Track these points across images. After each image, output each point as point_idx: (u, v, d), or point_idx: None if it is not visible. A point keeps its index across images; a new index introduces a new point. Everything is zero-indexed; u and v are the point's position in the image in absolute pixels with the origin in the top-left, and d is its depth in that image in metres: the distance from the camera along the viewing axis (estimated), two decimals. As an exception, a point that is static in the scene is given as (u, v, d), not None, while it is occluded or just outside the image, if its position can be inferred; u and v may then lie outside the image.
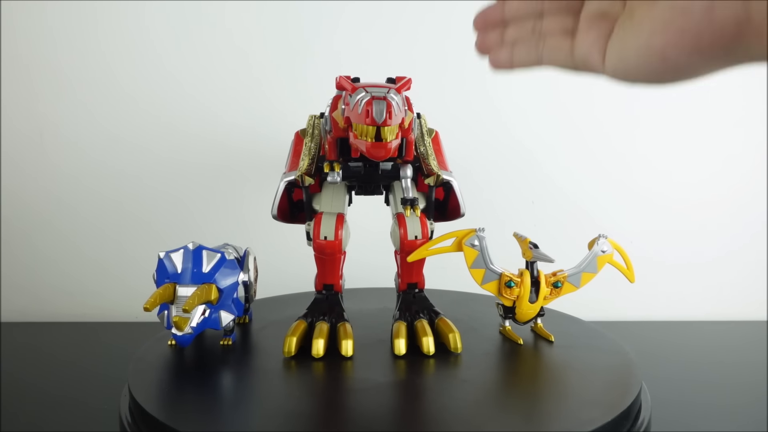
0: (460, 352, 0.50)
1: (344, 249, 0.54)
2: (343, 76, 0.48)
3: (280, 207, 0.55)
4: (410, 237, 0.52)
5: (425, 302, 0.55)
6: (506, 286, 0.52)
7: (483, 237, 0.52)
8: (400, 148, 0.49)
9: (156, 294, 0.48)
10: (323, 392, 0.45)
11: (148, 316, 0.88)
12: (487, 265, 0.52)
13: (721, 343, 0.81)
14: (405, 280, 0.55)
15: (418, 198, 0.51)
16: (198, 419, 0.40)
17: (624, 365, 0.49)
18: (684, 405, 0.61)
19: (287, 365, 0.49)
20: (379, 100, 0.41)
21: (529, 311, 0.53)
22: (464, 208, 0.56)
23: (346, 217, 0.54)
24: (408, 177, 0.51)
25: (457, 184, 0.55)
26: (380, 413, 0.41)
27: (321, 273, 0.55)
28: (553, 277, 0.53)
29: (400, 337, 0.50)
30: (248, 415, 0.41)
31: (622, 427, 0.41)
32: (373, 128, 0.42)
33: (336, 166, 0.52)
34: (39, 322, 0.87)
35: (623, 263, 0.54)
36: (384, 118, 0.41)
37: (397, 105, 0.43)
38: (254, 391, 0.45)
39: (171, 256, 0.50)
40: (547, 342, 0.54)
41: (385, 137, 0.42)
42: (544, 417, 0.41)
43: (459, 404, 0.42)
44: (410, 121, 0.48)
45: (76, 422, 0.57)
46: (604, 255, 0.53)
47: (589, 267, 0.53)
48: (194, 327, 0.49)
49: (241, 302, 0.53)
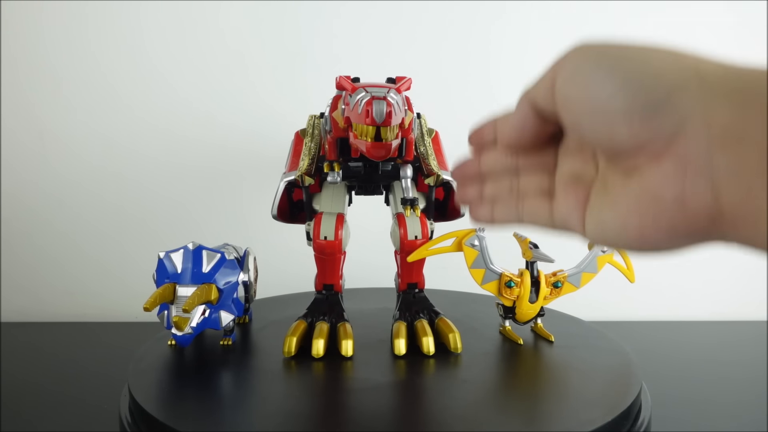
0: (460, 352, 0.50)
1: (344, 249, 0.54)
2: (342, 76, 0.47)
3: (280, 207, 0.55)
4: (410, 237, 0.52)
5: (425, 302, 0.55)
6: (506, 286, 0.53)
7: (483, 237, 0.52)
8: (400, 148, 0.49)
9: (156, 294, 0.48)
10: (323, 392, 0.45)
11: (148, 316, 0.87)
12: (487, 265, 0.52)
13: (721, 343, 0.81)
14: (405, 280, 0.55)
15: (418, 198, 0.51)
16: (198, 419, 0.40)
17: (624, 365, 0.49)
18: (684, 405, 0.61)
19: (287, 365, 0.49)
20: (380, 100, 0.40)
21: (529, 311, 0.53)
22: (464, 209, 0.56)
23: (346, 217, 0.54)
24: (408, 177, 0.51)
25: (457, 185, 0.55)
26: (380, 413, 0.41)
27: (321, 273, 0.55)
28: (553, 277, 0.53)
29: (400, 337, 0.50)
30: (248, 415, 0.41)
31: (622, 427, 0.41)
32: (374, 128, 0.42)
33: (336, 166, 0.52)
34: (39, 322, 0.87)
35: (623, 263, 0.54)
36: (384, 118, 0.41)
37: (398, 105, 0.43)
38: (254, 391, 0.45)
39: (171, 256, 0.50)
40: (547, 342, 0.54)
41: (385, 137, 0.42)
42: (544, 417, 0.41)
43: (459, 404, 0.42)
44: (410, 121, 0.48)
45: (76, 422, 0.57)
46: (604, 255, 0.53)
47: (589, 267, 0.53)
48: (194, 327, 0.49)
49: (241, 302, 0.53)
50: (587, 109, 0.24)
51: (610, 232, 0.26)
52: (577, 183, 0.28)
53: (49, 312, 0.90)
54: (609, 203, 0.26)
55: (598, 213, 0.26)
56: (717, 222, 0.22)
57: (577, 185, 0.28)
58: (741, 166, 0.21)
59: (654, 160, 0.23)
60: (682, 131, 0.22)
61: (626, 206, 0.25)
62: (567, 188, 0.28)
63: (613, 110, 0.23)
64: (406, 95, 0.48)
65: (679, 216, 0.23)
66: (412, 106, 0.50)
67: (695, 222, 0.23)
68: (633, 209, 0.24)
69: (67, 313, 0.90)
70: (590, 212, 0.27)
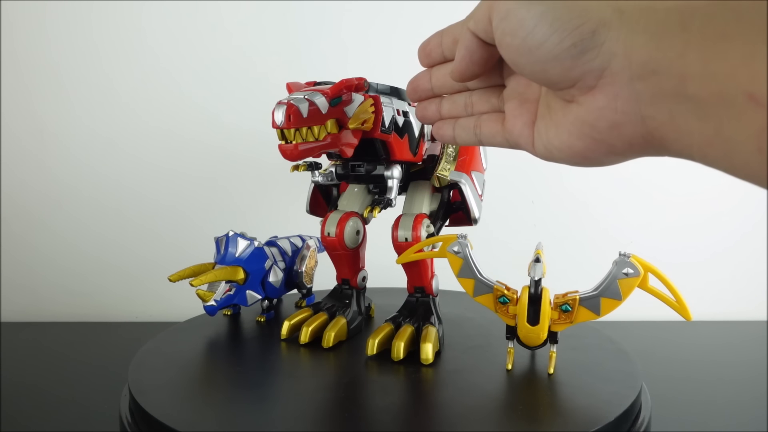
0: (429, 363, 0.48)
1: (350, 246, 0.54)
2: (290, 82, 0.47)
3: (318, 202, 0.60)
4: (400, 239, 0.51)
5: (425, 308, 0.54)
6: (499, 302, 0.46)
7: (465, 244, 0.47)
8: (379, 149, 0.50)
9: (186, 269, 0.54)
10: (324, 392, 0.45)
11: (148, 316, 0.88)
12: (475, 274, 0.46)
13: (721, 343, 0.81)
14: (410, 283, 0.55)
15: (389, 199, 0.51)
16: (198, 419, 0.40)
17: (624, 365, 0.49)
18: (684, 405, 0.61)
19: (287, 366, 0.49)
20: (281, 104, 0.41)
21: (530, 335, 0.45)
22: (475, 213, 0.54)
23: (359, 216, 0.54)
24: (392, 178, 0.51)
25: (471, 189, 0.54)
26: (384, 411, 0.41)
27: (336, 267, 0.57)
28: (562, 298, 0.46)
29: (374, 338, 0.50)
30: (249, 415, 0.40)
31: (622, 427, 0.41)
32: (278, 130, 0.42)
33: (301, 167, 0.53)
34: (39, 322, 0.87)
35: (669, 294, 0.45)
36: (282, 121, 0.41)
37: (308, 108, 0.42)
38: (255, 390, 0.45)
39: (218, 240, 0.57)
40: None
41: (289, 139, 0.42)
42: (545, 417, 0.41)
43: (458, 404, 0.42)
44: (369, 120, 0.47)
45: (76, 422, 0.57)
46: (628, 278, 0.44)
47: (610, 292, 0.44)
48: (218, 300, 0.54)
49: (274, 286, 0.59)
50: (522, 49, 0.26)
51: (556, 151, 0.28)
52: (524, 103, 0.31)
53: (49, 312, 0.90)
54: (553, 125, 0.28)
55: (545, 133, 0.29)
56: (650, 141, 0.25)
57: (524, 105, 0.31)
58: (659, 95, 0.23)
59: (587, 93, 0.25)
60: (608, 67, 0.24)
61: (567, 130, 0.27)
62: (515, 109, 0.31)
63: (546, 51, 0.25)
64: (372, 95, 0.48)
65: (616, 139, 0.26)
66: (381, 105, 0.48)
67: (631, 142, 0.25)
68: (574, 133, 0.27)
69: (67, 313, 0.90)
70: (537, 132, 0.30)
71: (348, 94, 0.45)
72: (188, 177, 0.89)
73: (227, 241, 0.56)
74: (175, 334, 0.56)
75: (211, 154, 0.88)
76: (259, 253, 0.58)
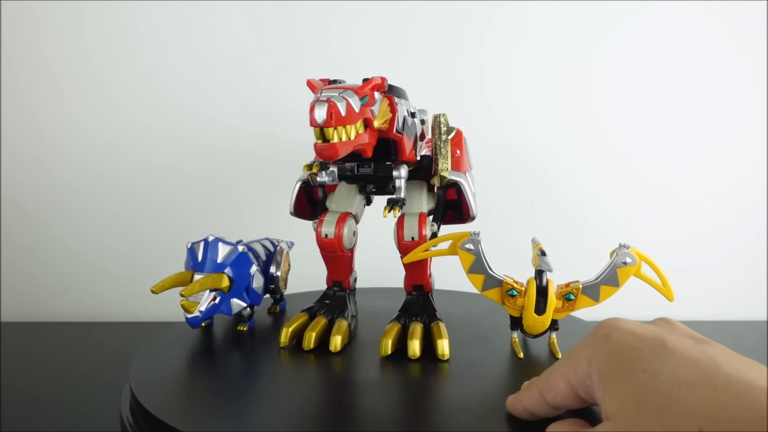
0: (447, 359, 0.49)
1: (347, 247, 0.54)
2: (310, 80, 0.47)
3: (301, 204, 0.57)
4: (406, 238, 0.51)
5: (427, 305, 0.54)
6: (508, 295, 0.48)
7: (478, 241, 0.49)
8: (390, 149, 0.49)
9: (167, 279, 0.50)
10: (325, 393, 0.45)
11: (148, 316, 0.87)
12: (486, 270, 0.49)
13: (721, 343, 0.80)
14: (409, 282, 0.55)
15: (404, 199, 0.51)
16: (200, 419, 0.40)
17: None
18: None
19: (288, 366, 0.49)
20: (322, 102, 0.41)
21: (536, 324, 0.48)
22: (473, 212, 0.55)
23: (353, 217, 0.54)
24: (401, 177, 0.51)
25: (469, 187, 0.54)
26: (381, 412, 0.41)
27: (328, 270, 0.56)
28: (566, 288, 0.49)
29: (387, 338, 0.50)
30: (251, 415, 0.40)
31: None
32: (318, 129, 0.42)
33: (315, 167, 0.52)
34: (39, 322, 0.87)
35: (656, 278, 0.49)
36: (325, 119, 0.41)
37: (345, 107, 0.42)
38: (256, 390, 0.45)
39: (194, 246, 0.53)
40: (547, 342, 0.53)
41: (330, 137, 0.42)
42: (545, 417, 0.41)
43: (458, 404, 0.42)
44: (388, 120, 0.47)
45: (76, 422, 0.57)
46: (626, 267, 0.47)
47: (610, 280, 0.48)
48: (203, 311, 0.51)
49: (257, 292, 0.56)
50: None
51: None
52: None
53: (48, 312, 0.90)
54: None
55: None
56: None
57: None
58: None
59: None
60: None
61: None
62: None
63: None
64: (386, 95, 0.47)
65: None
66: (396, 105, 0.48)
67: None
68: None
69: (67, 313, 0.90)
70: None
71: (372, 94, 0.45)
72: (188, 177, 0.89)
73: (206, 246, 0.52)
74: (175, 334, 0.56)
75: (211, 155, 0.88)
76: (244, 258, 0.54)
